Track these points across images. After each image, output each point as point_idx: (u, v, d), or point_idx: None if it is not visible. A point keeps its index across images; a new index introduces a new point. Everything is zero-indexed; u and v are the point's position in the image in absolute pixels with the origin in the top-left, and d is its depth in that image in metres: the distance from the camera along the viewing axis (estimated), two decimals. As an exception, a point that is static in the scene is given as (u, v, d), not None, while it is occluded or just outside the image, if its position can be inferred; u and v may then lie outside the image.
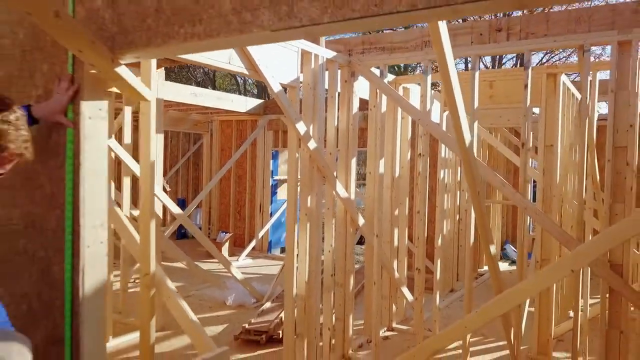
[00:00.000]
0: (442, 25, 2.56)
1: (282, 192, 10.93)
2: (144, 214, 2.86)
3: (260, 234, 9.28)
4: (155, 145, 3.38)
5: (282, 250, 11.00)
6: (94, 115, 2.02)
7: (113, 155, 4.69)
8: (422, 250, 4.58)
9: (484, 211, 3.49)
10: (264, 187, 9.77)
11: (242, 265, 8.37)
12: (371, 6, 1.42)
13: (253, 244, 8.96)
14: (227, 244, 8.87)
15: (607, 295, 3.46)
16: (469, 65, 5.95)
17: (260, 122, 9.34)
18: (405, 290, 5.44)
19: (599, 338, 3.49)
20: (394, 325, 5.43)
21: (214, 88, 25.90)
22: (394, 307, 5.48)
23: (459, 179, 6.77)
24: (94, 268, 2.03)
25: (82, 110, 1.97)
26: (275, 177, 10.18)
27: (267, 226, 9.40)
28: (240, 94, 26.01)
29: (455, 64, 3.20)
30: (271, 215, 9.64)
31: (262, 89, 25.17)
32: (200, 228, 9.93)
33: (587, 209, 4.65)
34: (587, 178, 4.44)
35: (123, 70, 1.97)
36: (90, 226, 2.01)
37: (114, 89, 2.71)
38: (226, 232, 9.33)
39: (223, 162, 9.71)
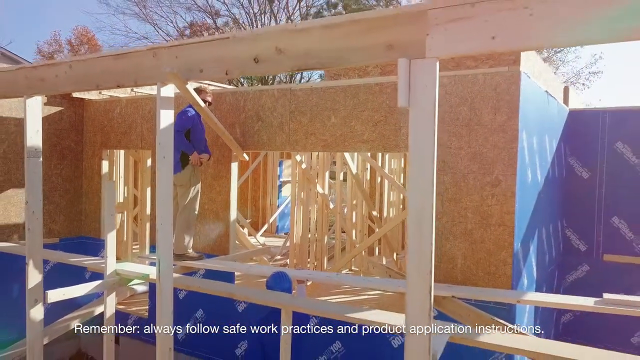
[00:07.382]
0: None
1: (285, 190, 14.67)
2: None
3: (270, 220, 12.99)
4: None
5: (285, 233, 14.74)
6: (234, 168, 5.81)
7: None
8: (365, 224, 8.37)
9: (368, 199, 7.26)
10: (273, 186, 13.50)
11: (260, 241, 12.10)
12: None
13: (265, 227, 12.65)
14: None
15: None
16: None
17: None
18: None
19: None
20: (352, 268, 9.18)
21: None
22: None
23: (401, 181, 10.51)
24: (234, 210, 5.81)
25: (232, 166, 5.76)
26: (281, 180, 13.90)
27: (275, 215, 13.10)
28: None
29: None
30: (278, 207, 13.37)
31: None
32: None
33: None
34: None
35: (244, 155, 5.75)
36: (234, 201, 5.78)
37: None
38: (246, 219, 13.04)
39: (244, 170, 13.41)
